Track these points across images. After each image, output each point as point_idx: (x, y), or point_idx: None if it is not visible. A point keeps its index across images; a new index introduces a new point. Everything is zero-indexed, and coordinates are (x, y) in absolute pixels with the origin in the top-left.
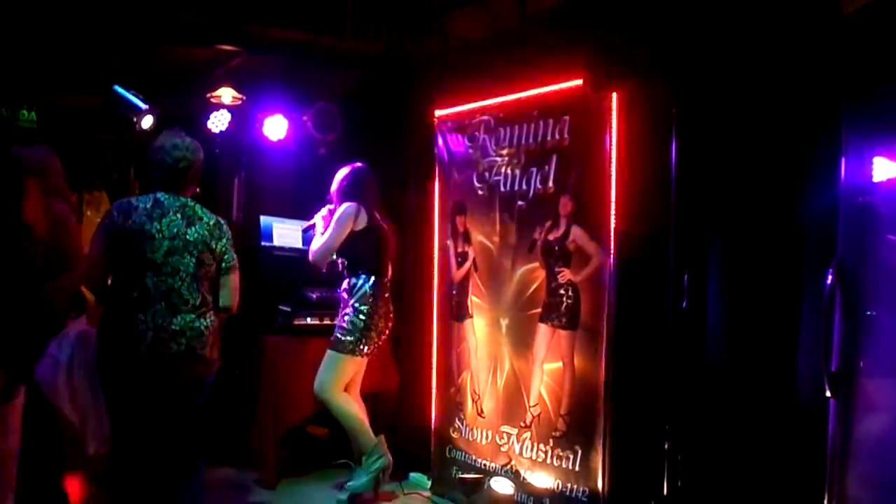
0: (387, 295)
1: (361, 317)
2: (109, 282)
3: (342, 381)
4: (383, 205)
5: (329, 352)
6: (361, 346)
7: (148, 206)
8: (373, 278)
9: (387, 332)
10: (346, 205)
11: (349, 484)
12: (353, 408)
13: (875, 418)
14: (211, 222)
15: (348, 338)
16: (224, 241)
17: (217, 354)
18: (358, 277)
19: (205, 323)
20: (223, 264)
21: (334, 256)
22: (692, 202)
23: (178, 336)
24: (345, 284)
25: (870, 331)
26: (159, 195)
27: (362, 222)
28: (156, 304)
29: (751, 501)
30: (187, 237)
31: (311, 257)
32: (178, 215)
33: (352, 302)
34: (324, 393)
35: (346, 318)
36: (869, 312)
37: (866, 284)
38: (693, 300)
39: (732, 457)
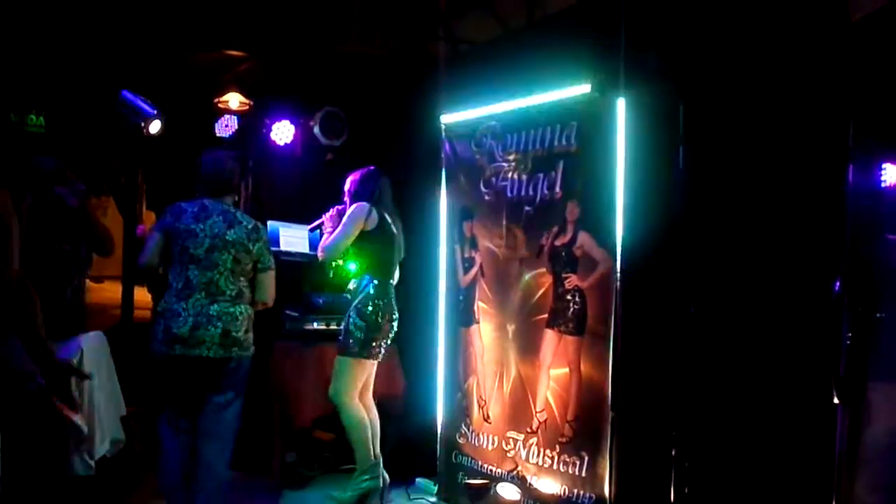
0: (391, 297)
1: (363, 319)
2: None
3: (355, 386)
4: (395, 208)
5: (337, 357)
6: (367, 349)
7: (195, 209)
8: (376, 281)
9: (391, 334)
10: (357, 204)
11: (334, 493)
12: (363, 421)
13: (883, 423)
14: (249, 226)
15: (352, 341)
16: (260, 244)
17: (252, 340)
18: (362, 279)
19: (240, 309)
20: (259, 265)
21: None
22: (700, 207)
23: (215, 320)
24: (350, 285)
25: (878, 336)
26: (205, 201)
27: (373, 223)
28: (196, 294)
29: None
30: (227, 237)
31: (320, 254)
32: (220, 218)
33: (355, 304)
34: (337, 398)
35: (350, 320)
36: (879, 315)
37: (875, 289)
38: (701, 305)
39: (740, 463)
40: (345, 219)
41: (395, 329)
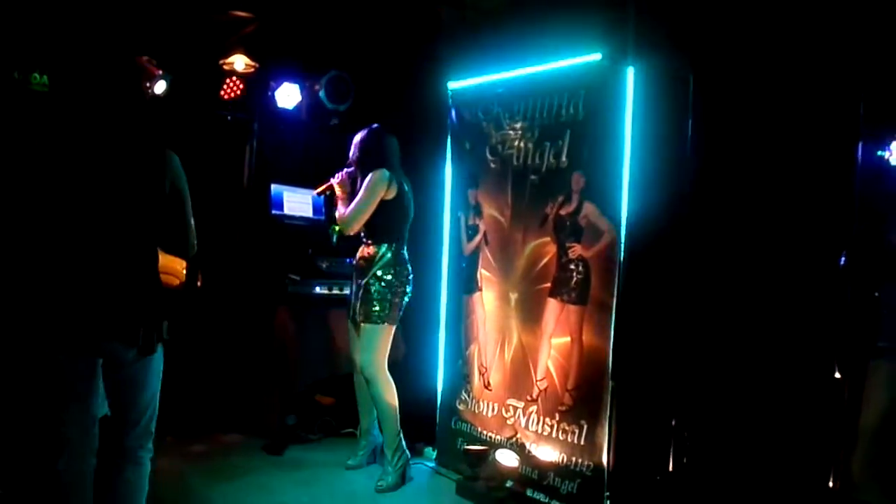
0: (407, 261)
1: (384, 284)
2: None
3: (385, 353)
4: (403, 169)
5: (364, 326)
6: (393, 312)
7: None
8: (394, 245)
9: (408, 297)
10: (378, 171)
11: (379, 484)
12: (394, 395)
13: (883, 399)
14: None
15: (378, 307)
16: None
17: None
18: (379, 246)
19: None
20: None
21: None
22: (707, 179)
23: None
24: (363, 252)
25: (881, 312)
26: None
27: (393, 192)
28: None
29: (756, 479)
30: None
31: (340, 225)
32: None
33: (374, 271)
34: (369, 368)
35: (372, 288)
36: (880, 293)
37: (881, 266)
38: (704, 277)
39: (739, 434)
40: (364, 188)
41: (411, 291)
